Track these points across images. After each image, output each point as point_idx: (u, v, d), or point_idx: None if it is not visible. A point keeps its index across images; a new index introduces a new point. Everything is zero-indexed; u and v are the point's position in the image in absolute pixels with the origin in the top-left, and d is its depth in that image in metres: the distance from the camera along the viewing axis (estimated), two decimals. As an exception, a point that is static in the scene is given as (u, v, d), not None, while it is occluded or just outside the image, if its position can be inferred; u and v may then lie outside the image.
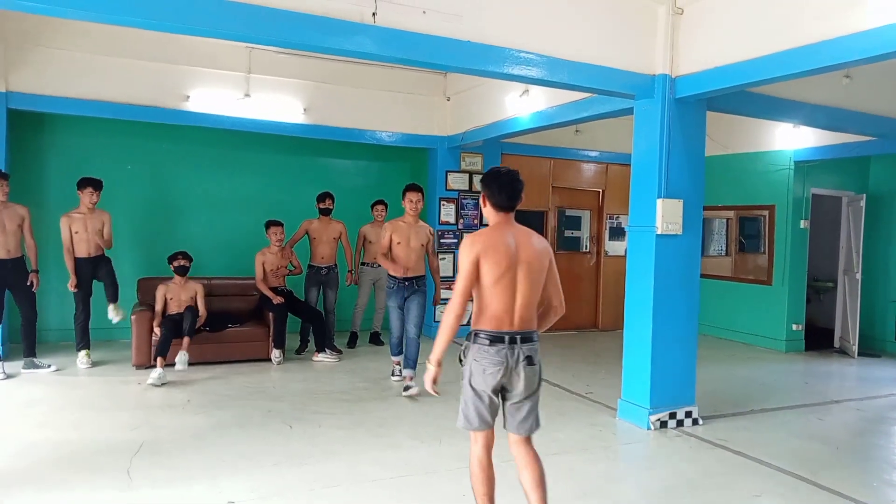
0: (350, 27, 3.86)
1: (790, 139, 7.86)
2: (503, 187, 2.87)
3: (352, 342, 7.46)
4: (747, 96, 5.24)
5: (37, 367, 5.86)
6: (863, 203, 8.09)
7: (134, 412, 4.83)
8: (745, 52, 4.30)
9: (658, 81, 4.85)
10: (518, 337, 2.79)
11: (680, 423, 4.90)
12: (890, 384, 6.63)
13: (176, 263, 6.21)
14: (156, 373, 5.59)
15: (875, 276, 8.49)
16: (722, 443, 4.57)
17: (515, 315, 2.80)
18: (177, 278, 6.25)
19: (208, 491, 3.47)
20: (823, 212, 8.80)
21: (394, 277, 5.54)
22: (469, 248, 2.79)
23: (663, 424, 4.84)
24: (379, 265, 7.44)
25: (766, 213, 8.50)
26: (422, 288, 5.64)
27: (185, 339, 5.96)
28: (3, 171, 5.77)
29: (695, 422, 4.96)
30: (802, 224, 8.23)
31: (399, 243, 5.55)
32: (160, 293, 6.20)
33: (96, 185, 6.08)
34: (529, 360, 2.80)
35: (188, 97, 6.86)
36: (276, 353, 6.48)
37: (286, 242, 6.90)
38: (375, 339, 7.70)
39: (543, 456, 2.94)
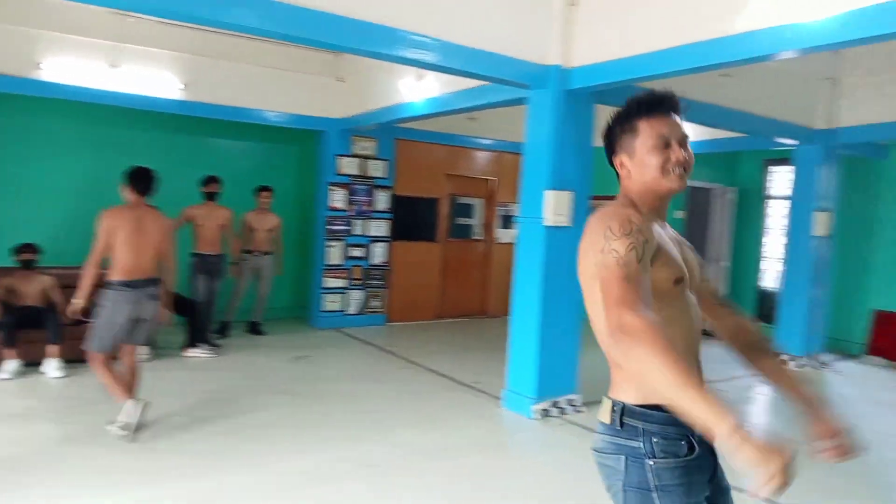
0: (228, -4, 3.53)
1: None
2: (138, 179, 4.19)
3: (222, 331, 7.03)
4: (634, 91, 5.37)
5: None
6: (732, 195, 8.66)
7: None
8: (633, 48, 4.37)
9: (552, 72, 4.85)
10: (141, 283, 4.07)
11: (562, 411, 4.99)
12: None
13: (22, 257, 5.58)
14: (10, 365, 5.18)
15: (741, 265, 9.17)
16: (604, 429, 4.70)
17: (139, 268, 4.06)
18: (20, 271, 5.58)
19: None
20: (697, 203, 9.35)
21: None
22: (101, 220, 4.04)
23: (546, 413, 4.92)
24: (264, 254, 7.10)
25: (646, 204, 8.88)
26: None
27: (52, 346, 5.38)
28: None
29: (576, 409, 5.08)
30: (678, 214, 8.69)
31: None
32: (0, 285, 5.45)
33: None
34: (152, 297, 4.13)
35: (39, 64, 6.08)
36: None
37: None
38: (256, 330, 7.32)
39: (433, 454, 2.85)
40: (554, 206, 4.82)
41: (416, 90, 6.44)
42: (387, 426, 4.52)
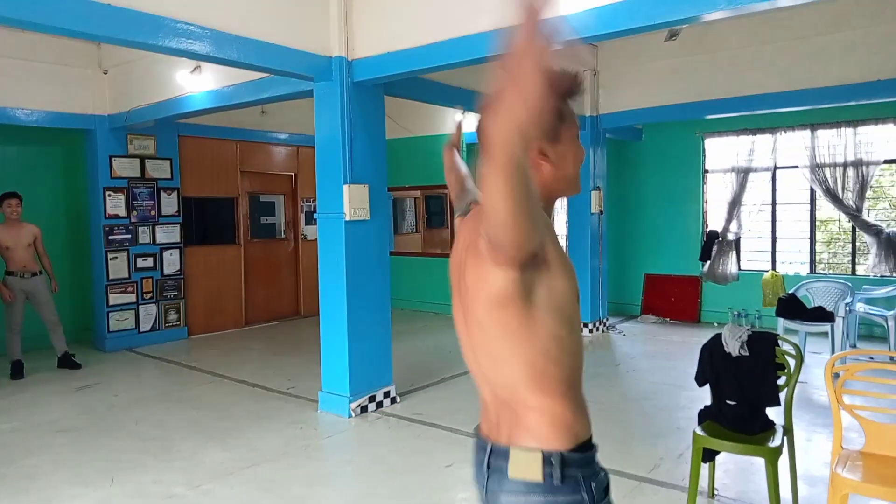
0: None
1: (465, 123, 8.54)
2: None
3: (17, 373, 5.98)
4: (420, 82, 5.46)
5: None
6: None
7: None
8: (412, 39, 4.42)
9: (335, 64, 4.74)
10: None
11: (379, 405, 4.98)
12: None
13: None
14: None
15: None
16: (417, 417, 4.76)
17: None
18: None
19: None
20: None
21: None
22: None
23: (364, 409, 4.87)
24: (33, 274, 6.11)
25: (447, 191, 9.17)
26: None
27: None
28: None
29: (393, 400, 5.09)
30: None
31: None
32: None
33: None
34: None
35: None
36: None
37: None
38: (68, 362, 6.29)
39: (240, 470, 2.64)
40: (352, 201, 4.74)
41: (194, 82, 5.95)
42: (191, 449, 4.15)
